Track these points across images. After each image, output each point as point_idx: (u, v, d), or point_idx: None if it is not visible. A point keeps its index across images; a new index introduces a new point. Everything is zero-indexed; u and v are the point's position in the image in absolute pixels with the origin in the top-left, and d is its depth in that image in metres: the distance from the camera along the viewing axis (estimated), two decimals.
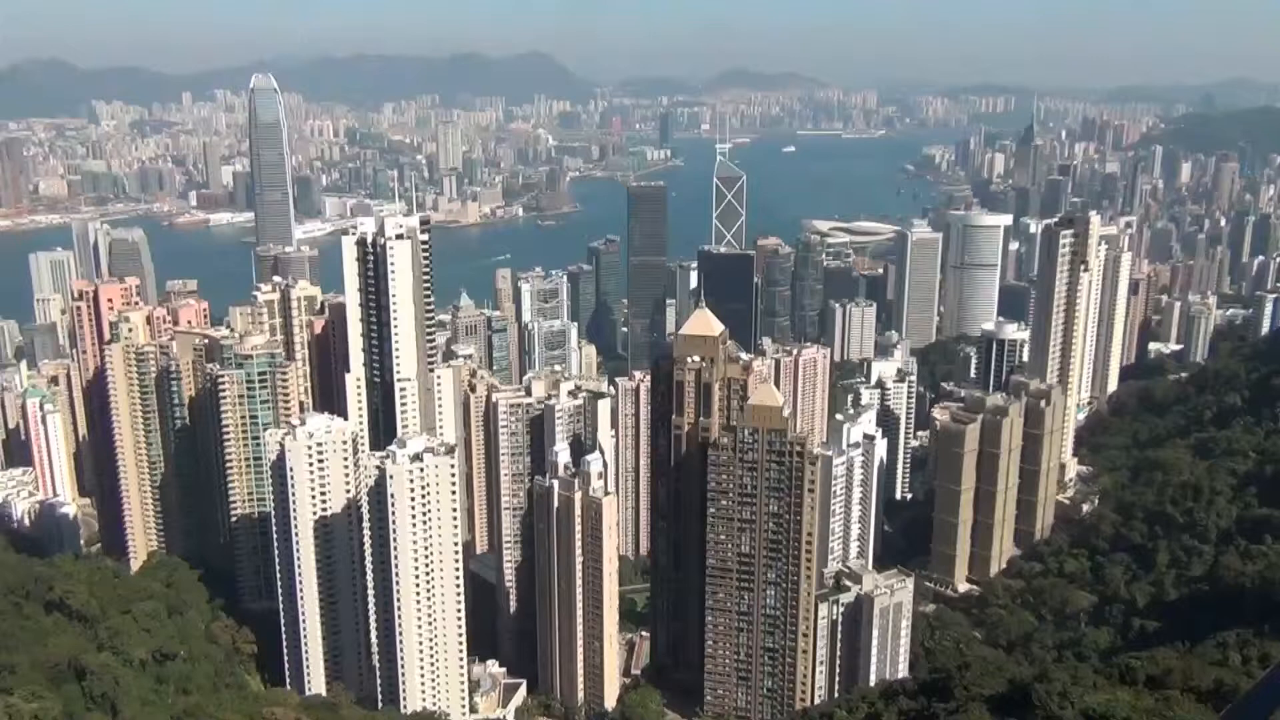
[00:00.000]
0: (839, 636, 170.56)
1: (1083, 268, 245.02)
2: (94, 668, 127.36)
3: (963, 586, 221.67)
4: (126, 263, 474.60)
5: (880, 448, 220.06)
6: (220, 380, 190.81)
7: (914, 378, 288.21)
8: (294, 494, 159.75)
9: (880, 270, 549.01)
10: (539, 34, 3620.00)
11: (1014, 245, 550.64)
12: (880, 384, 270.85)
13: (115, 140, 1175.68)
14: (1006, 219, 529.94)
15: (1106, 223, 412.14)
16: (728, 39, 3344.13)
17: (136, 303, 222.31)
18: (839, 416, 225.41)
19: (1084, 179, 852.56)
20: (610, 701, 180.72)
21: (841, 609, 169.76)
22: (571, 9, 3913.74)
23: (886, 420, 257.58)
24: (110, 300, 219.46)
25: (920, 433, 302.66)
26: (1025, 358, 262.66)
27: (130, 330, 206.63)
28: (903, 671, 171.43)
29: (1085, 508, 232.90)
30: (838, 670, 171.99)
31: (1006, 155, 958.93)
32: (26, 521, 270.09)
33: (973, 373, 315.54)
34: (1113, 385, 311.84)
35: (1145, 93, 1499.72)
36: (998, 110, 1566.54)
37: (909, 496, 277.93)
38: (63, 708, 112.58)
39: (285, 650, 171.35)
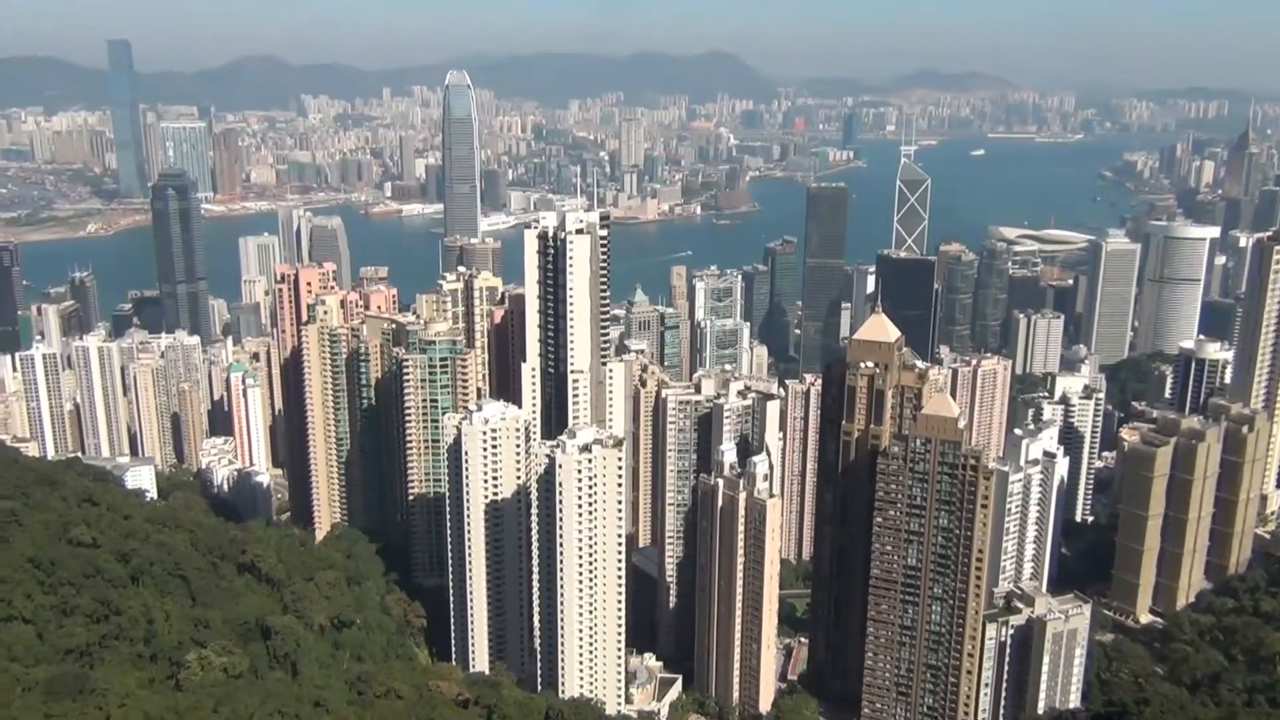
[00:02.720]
0: (1007, 659, 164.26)
1: None
2: (278, 629, 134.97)
3: (1145, 618, 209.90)
4: (325, 248, 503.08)
5: (1061, 466, 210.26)
6: (405, 364, 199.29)
7: (1102, 395, 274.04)
8: (468, 477, 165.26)
9: (1070, 281, 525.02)
10: (724, 33, 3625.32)
11: (1220, 259, 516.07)
12: (1064, 400, 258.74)
13: (320, 132, 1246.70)
14: (1214, 231, 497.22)
15: None
16: (917, 38, 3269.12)
17: (332, 287, 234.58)
18: (1018, 431, 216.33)
19: None
20: (765, 705, 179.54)
21: (1011, 631, 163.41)
22: (757, 8, 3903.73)
23: (1070, 438, 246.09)
24: (309, 284, 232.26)
25: (1106, 453, 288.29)
26: (1227, 380, 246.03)
27: (325, 313, 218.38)
28: (1074, 701, 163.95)
29: None
30: (1004, 694, 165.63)
31: (1217, 163, 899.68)
32: (226, 488, 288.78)
33: (1167, 393, 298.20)
34: None
35: None
36: (1208, 115, 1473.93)
37: (1090, 519, 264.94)
38: (249, 664, 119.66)
39: (453, 627, 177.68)
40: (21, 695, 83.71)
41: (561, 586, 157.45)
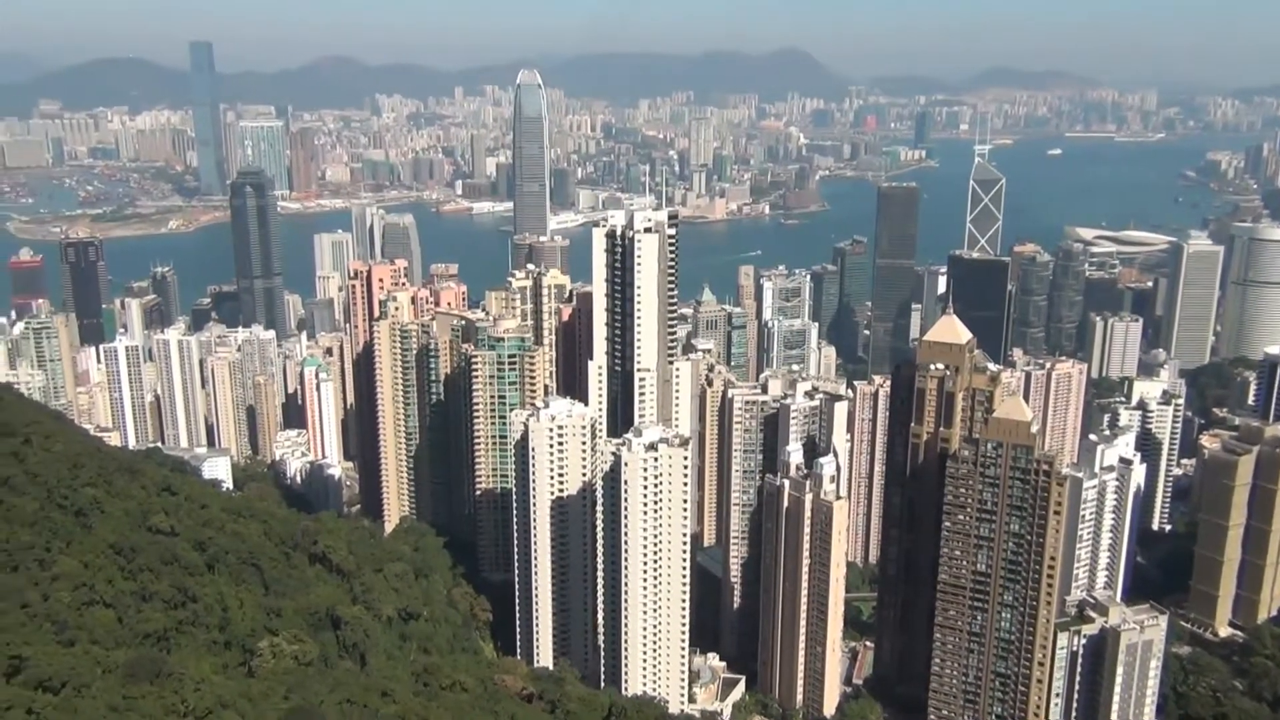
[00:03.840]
0: (1079, 669, 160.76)
1: None
2: (348, 619, 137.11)
3: (1224, 631, 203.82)
4: (397, 245, 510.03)
5: (1138, 473, 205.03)
6: (474, 360, 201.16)
7: (1181, 401, 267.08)
8: (534, 473, 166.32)
9: (1149, 283, 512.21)
10: (795, 31, 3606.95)
11: None
12: (1142, 405, 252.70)
13: (393, 131, 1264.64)
14: None
15: None
16: (992, 35, 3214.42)
17: (404, 283, 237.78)
18: (1093, 437, 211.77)
19: None
20: (829, 709, 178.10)
21: (1083, 640, 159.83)
22: (830, 6, 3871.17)
23: (1147, 444, 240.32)
24: (381, 280, 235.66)
25: (1185, 461, 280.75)
26: None
27: (397, 309, 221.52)
28: (1149, 715, 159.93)
29: None
30: (1075, 704, 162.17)
31: None
32: (299, 479, 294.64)
33: (1251, 399, 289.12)
34: None
35: None
36: None
37: (1168, 528, 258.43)
38: (319, 652, 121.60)
39: (517, 622, 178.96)
40: (102, 677, 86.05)
41: (626, 584, 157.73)
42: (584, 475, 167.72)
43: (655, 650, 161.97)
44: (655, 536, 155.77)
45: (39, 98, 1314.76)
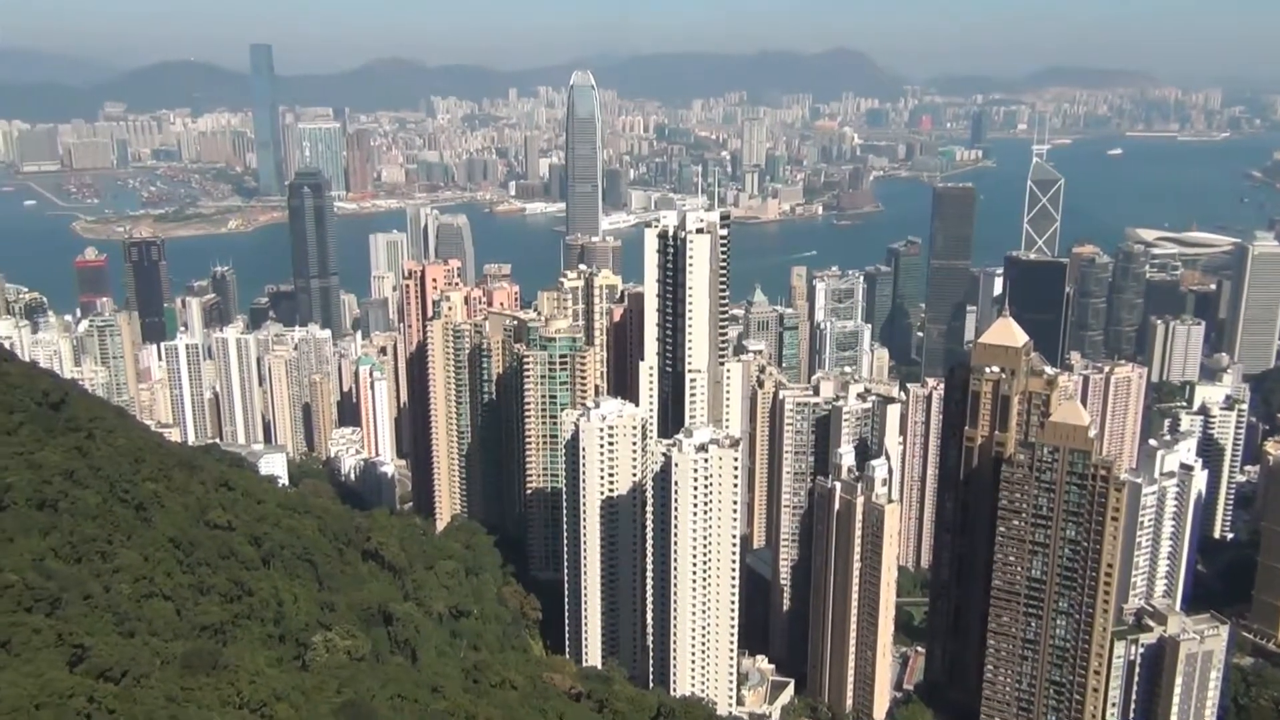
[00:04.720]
0: (1136, 679, 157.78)
1: None
2: (399, 616, 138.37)
3: None
4: (450, 245, 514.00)
5: (1200, 480, 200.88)
6: (525, 360, 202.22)
7: (1245, 406, 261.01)
8: (584, 473, 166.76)
9: (1212, 286, 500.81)
10: (850, 30, 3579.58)
11: None
12: (1204, 410, 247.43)
13: (448, 132, 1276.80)
14: None
15: None
16: (1052, 33, 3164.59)
17: (457, 283, 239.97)
18: (1153, 442, 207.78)
19: None
20: (879, 714, 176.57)
21: (1141, 650, 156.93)
22: (884, 5, 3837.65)
23: (1209, 450, 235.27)
24: (435, 280, 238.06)
25: (1249, 467, 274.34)
26: None
27: (450, 309, 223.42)
28: None
29: None
30: (1132, 714, 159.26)
31: None
32: (353, 476, 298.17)
33: None
34: None
35: None
36: None
37: (1230, 536, 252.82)
38: (371, 648, 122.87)
39: (567, 621, 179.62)
40: (160, 667, 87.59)
41: (675, 585, 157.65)
42: (634, 475, 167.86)
43: (704, 651, 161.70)
44: (705, 538, 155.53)
45: (104, 100, 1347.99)
